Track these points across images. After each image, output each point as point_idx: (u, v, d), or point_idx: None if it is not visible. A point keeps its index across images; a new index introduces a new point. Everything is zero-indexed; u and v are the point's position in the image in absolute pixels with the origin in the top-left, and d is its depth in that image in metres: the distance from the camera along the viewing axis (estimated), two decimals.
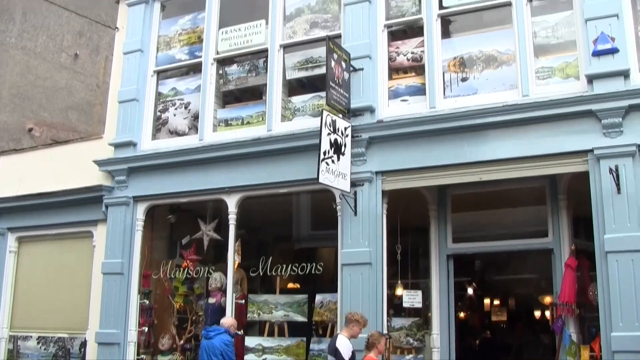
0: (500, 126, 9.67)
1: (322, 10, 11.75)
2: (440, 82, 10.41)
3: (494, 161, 9.69)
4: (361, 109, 10.54)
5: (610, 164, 8.90)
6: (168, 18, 13.39)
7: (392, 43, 11.05)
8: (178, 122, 12.62)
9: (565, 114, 9.32)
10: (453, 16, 10.91)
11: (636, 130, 8.95)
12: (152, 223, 12.74)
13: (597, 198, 9.03)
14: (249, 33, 12.17)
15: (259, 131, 11.50)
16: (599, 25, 9.39)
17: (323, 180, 9.57)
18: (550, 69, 9.88)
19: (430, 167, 10.05)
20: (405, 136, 10.22)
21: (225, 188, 11.48)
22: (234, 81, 12.39)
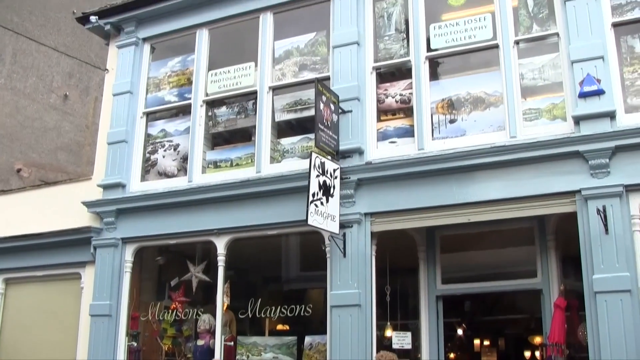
0: (489, 167, 9.71)
1: (311, 53, 11.86)
2: (428, 124, 10.48)
3: (483, 202, 9.71)
4: (350, 150, 10.58)
5: (598, 205, 8.93)
6: (158, 60, 13.47)
7: (380, 85, 11.14)
8: (167, 163, 12.62)
9: (552, 155, 9.37)
10: (441, 58, 11.02)
11: (623, 170, 9.01)
12: (140, 265, 12.65)
13: (585, 238, 9.04)
14: (238, 75, 12.25)
15: (248, 173, 11.52)
16: (585, 67, 9.51)
17: (312, 222, 9.56)
18: (538, 110, 9.97)
19: (418, 208, 10.06)
20: (394, 178, 10.24)
21: (214, 230, 11.44)
22: (223, 123, 12.43)
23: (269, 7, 12.19)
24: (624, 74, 9.65)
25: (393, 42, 11.17)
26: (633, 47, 9.78)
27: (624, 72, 9.66)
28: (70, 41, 20.65)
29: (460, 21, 10.70)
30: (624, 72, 9.66)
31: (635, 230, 8.86)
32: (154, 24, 13.33)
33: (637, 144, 8.98)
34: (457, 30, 10.66)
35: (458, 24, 10.69)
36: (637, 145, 8.98)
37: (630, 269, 8.70)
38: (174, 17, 13.06)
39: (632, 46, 9.79)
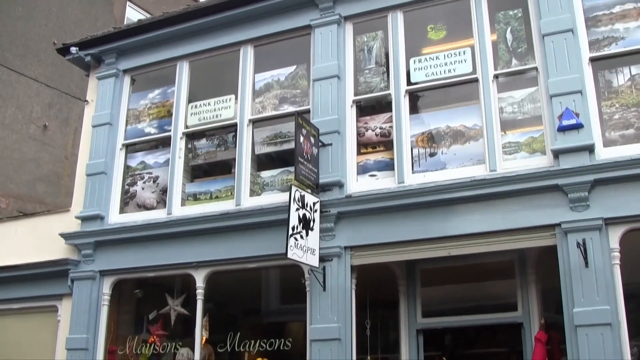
0: (469, 201, 9.73)
1: (291, 86, 11.89)
2: (408, 157, 10.51)
3: (463, 236, 9.71)
4: (330, 184, 10.57)
5: (578, 238, 8.95)
6: (138, 91, 13.47)
7: (360, 118, 11.17)
8: (146, 195, 12.55)
9: (532, 188, 9.40)
10: (421, 92, 11.08)
11: (602, 204, 9.05)
12: (118, 297, 12.52)
13: (565, 272, 9.05)
14: (219, 107, 12.25)
15: (228, 206, 11.47)
16: (563, 101, 9.60)
17: (291, 255, 9.50)
18: (517, 144, 10.02)
19: (399, 242, 10.04)
20: (374, 211, 10.23)
21: (193, 263, 11.35)
22: (203, 155, 12.41)
23: (249, 40, 12.24)
24: (602, 108, 9.74)
25: (373, 76, 11.23)
26: (610, 81, 9.88)
27: (602, 106, 9.75)
28: (51, 72, 20.56)
29: (440, 55, 10.79)
30: (602, 106, 9.75)
31: (615, 264, 8.88)
32: (135, 55, 13.34)
33: (615, 177, 9.04)
34: (437, 64, 10.74)
35: (438, 58, 10.78)
36: (615, 178, 9.04)
37: (610, 302, 8.69)
38: (154, 49, 13.09)
39: (610, 80, 9.89)
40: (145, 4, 23.65)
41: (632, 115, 9.59)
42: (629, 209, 8.92)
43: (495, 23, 10.67)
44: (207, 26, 12.56)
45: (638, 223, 8.97)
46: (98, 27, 19.14)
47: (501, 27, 10.63)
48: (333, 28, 11.45)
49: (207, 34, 12.58)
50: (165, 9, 18.10)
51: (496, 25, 10.66)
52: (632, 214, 8.92)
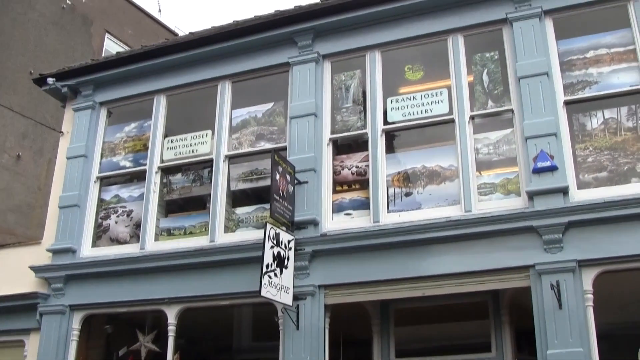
0: (444, 241, 9.74)
1: (268, 123, 11.91)
2: (384, 197, 10.53)
3: (437, 276, 9.70)
4: (305, 222, 10.54)
5: (552, 280, 8.98)
6: (114, 124, 13.41)
7: (337, 157, 11.20)
8: (120, 230, 12.43)
9: (507, 229, 9.45)
10: (397, 131, 11.15)
11: (576, 246, 9.10)
12: (88, 333, 12.30)
13: (539, 313, 9.06)
14: (195, 143, 12.23)
15: (202, 241, 11.40)
16: (538, 143, 9.69)
17: (265, 294, 9.43)
18: (492, 185, 10.08)
19: (373, 281, 10.00)
20: (349, 250, 10.21)
21: (165, 299, 11.22)
22: (178, 190, 12.35)
23: (227, 76, 12.27)
24: (576, 151, 9.86)
25: (350, 114, 11.28)
26: (584, 124, 10.02)
27: (576, 148, 9.88)
28: (26, 101, 20.41)
29: (417, 95, 10.89)
30: (576, 149, 9.87)
31: (589, 305, 8.91)
32: (112, 88, 13.31)
33: (589, 219, 9.11)
34: (414, 104, 10.83)
35: (415, 98, 10.87)
36: (589, 220, 9.11)
37: (584, 344, 8.71)
38: (132, 82, 13.06)
39: (584, 124, 10.02)
40: (124, 36, 23.69)
41: (606, 158, 9.70)
42: (602, 252, 8.98)
43: (472, 65, 10.80)
44: (185, 61, 12.57)
45: (611, 265, 9.02)
46: (76, 58, 19.12)
47: (478, 69, 10.76)
48: (311, 66, 11.52)
49: (185, 68, 12.59)
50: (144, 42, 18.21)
51: (473, 67, 10.79)
52: (605, 256, 8.98)
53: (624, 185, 9.45)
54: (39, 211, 18.86)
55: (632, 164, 9.59)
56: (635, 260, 8.93)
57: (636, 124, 9.79)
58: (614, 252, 8.94)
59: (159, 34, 24.09)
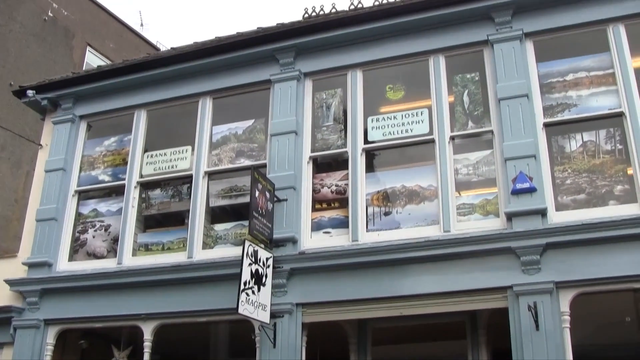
0: (422, 261, 9.75)
1: (248, 140, 11.91)
2: (363, 216, 10.53)
3: (415, 296, 9.69)
4: (284, 239, 10.51)
5: (529, 301, 9.00)
6: (93, 138, 13.34)
7: (316, 175, 11.21)
8: (97, 244, 12.34)
9: (485, 250, 9.48)
10: (377, 151, 11.18)
11: (553, 267, 9.15)
12: (62, 348, 12.16)
13: (516, 334, 9.07)
14: (175, 158, 12.20)
15: (180, 258, 11.34)
16: (517, 164, 9.75)
17: (242, 311, 9.38)
18: (471, 205, 10.12)
19: (351, 300, 9.98)
20: (327, 268, 10.19)
21: (141, 315, 11.12)
22: (156, 205, 12.29)
23: (208, 92, 12.27)
24: (554, 173, 9.92)
25: (331, 133, 11.30)
26: (563, 147, 10.09)
27: (554, 170, 9.94)
28: (5, 113, 20.28)
29: (398, 115, 10.94)
30: (554, 171, 9.94)
31: (565, 327, 8.94)
32: (92, 102, 13.25)
33: (567, 241, 9.16)
34: (395, 124, 10.87)
35: (395, 118, 10.91)
36: (567, 242, 9.17)
37: None
38: (112, 96, 13.01)
39: (563, 146, 10.09)
40: (106, 50, 23.64)
41: (584, 181, 9.76)
42: (580, 273, 9.03)
43: (452, 85, 10.87)
44: (166, 76, 12.55)
45: (588, 287, 9.07)
46: (56, 71, 19.04)
47: (458, 90, 10.82)
48: (293, 84, 11.54)
49: (166, 83, 12.57)
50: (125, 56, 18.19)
51: (454, 88, 10.85)
52: (583, 278, 9.02)
53: (602, 207, 9.52)
54: (16, 224, 18.72)
55: (610, 186, 9.66)
56: (612, 282, 8.98)
57: (614, 147, 9.87)
58: (591, 274, 8.98)
59: (141, 48, 24.06)
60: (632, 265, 8.85)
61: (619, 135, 9.86)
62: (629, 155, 9.59)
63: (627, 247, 8.96)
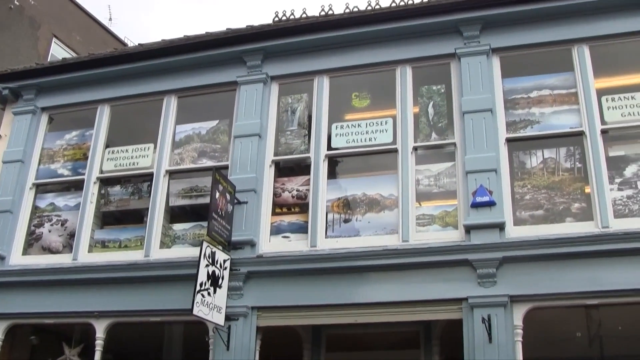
0: (379, 270, 9.78)
1: (211, 140, 11.84)
2: (322, 222, 10.54)
3: (371, 304, 9.71)
4: (242, 242, 10.46)
5: (484, 313, 9.08)
6: (55, 131, 13.15)
7: (278, 179, 11.18)
8: (52, 239, 12.16)
9: (442, 261, 9.53)
10: (340, 157, 11.21)
11: (509, 281, 9.23)
12: (11, 343, 11.90)
13: (469, 346, 9.13)
14: (136, 155, 12.08)
15: (136, 256, 11.22)
16: (478, 178, 9.83)
17: (197, 312, 9.31)
18: (431, 216, 10.17)
19: (306, 306, 9.97)
20: (284, 273, 10.17)
21: (95, 312, 10.96)
22: (115, 202, 12.17)
23: (174, 91, 12.19)
24: (514, 188, 10.03)
25: (294, 138, 11.29)
26: (524, 162, 10.20)
27: (514, 185, 10.04)
28: None
29: (362, 123, 10.96)
30: (514, 186, 10.04)
31: (518, 340, 9.02)
32: (55, 94, 13.08)
33: (523, 256, 9.27)
34: (359, 132, 10.89)
35: (360, 126, 10.94)
36: (523, 257, 9.27)
37: None
38: (76, 90, 12.85)
39: (523, 162, 10.20)
40: (72, 42, 23.33)
41: (543, 197, 9.88)
42: (534, 288, 9.13)
43: (418, 96, 10.94)
44: (132, 72, 12.44)
45: (542, 302, 9.17)
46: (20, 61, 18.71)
47: (424, 101, 10.89)
48: (259, 87, 11.51)
49: (131, 79, 12.45)
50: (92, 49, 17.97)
51: (419, 99, 10.92)
52: (537, 292, 9.13)
53: (559, 224, 9.65)
54: None
55: (567, 204, 9.78)
56: (565, 298, 9.11)
57: (574, 165, 10.00)
58: (545, 289, 9.10)
59: (108, 42, 23.80)
60: (585, 282, 8.98)
61: (578, 153, 10.00)
62: (587, 174, 9.74)
63: (581, 264, 9.08)
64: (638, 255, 8.96)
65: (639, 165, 9.81)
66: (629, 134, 10.13)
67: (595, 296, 9.04)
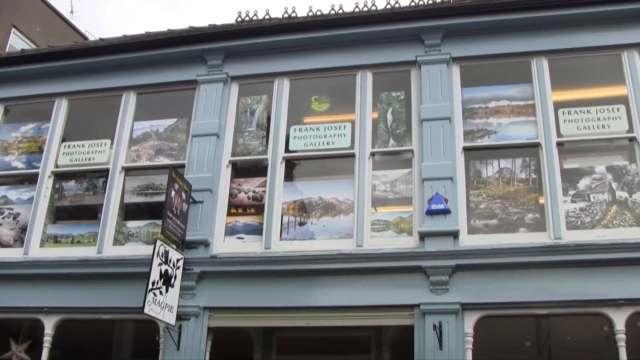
0: (333, 274, 9.79)
1: (169, 138, 11.76)
2: (278, 224, 10.51)
3: (323, 308, 9.72)
4: (196, 242, 10.40)
5: (435, 320, 9.14)
6: (10, 123, 12.94)
7: (235, 179, 11.14)
8: (4, 232, 11.94)
9: (396, 267, 9.57)
10: (298, 160, 11.21)
11: (461, 289, 9.31)
12: None
13: (420, 352, 9.17)
14: (93, 151, 11.93)
15: (89, 252, 11.07)
16: (434, 185, 9.91)
17: (148, 311, 9.22)
18: (386, 222, 10.21)
19: (258, 307, 9.94)
20: (237, 274, 10.13)
21: (44, 308, 10.77)
22: (69, 197, 11.98)
23: (133, 87, 12.08)
24: (469, 197, 10.10)
25: (253, 139, 11.26)
26: (480, 171, 10.29)
27: (470, 194, 10.13)
28: None
29: (321, 126, 10.98)
30: (470, 195, 10.12)
31: (468, 348, 9.09)
32: (12, 85, 12.85)
33: (476, 264, 9.35)
34: (317, 135, 10.90)
35: (318, 129, 10.96)
36: (476, 265, 9.35)
37: None
38: (34, 82, 12.65)
39: (480, 171, 10.29)
40: (32, 34, 22.98)
41: (497, 206, 9.97)
42: (486, 297, 9.21)
43: (377, 102, 10.98)
44: (92, 66, 12.30)
45: (493, 310, 9.26)
46: None
47: (383, 107, 10.93)
48: (219, 86, 11.46)
49: (91, 74, 12.31)
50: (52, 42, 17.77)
51: (378, 105, 10.96)
52: (488, 301, 9.21)
53: (512, 234, 9.76)
54: None
55: (521, 214, 9.89)
56: (516, 307, 9.22)
57: (529, 176, 10.11)
58: (497, 298, 9.19)
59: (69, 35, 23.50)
60: (536, 292, 9.11)
61: (534, 165, 10.11)
62: (542, 185, 9.86)
63: (533, 274, 9.21)
64: (588, 266, 9.10)
65: (592, 178, 9.94)
66: (583, 147, 10.29)
67: (545, 306, 9.18)
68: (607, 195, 9.77)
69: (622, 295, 8.89)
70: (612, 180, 9.86)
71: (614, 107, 10.15)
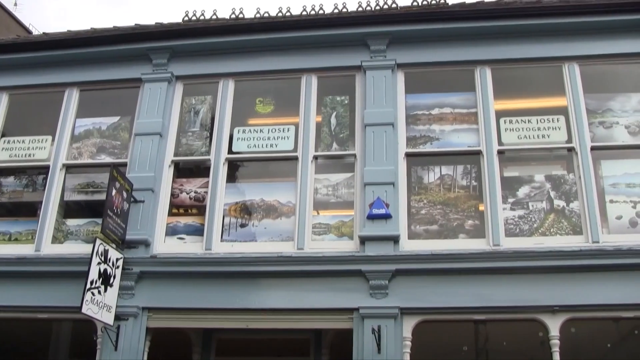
0: (273, 276, 9.80)
1: (112, 137, 11.63)
2: (219, 225, 10.48)
3: (263, 310, 9.73)
4: (136, 241, 10.31)
5: (374, 324, 9.20)
6: None
7: (177, 179, 11.07)
8: None
9: (336, 271, 9.63)
10: (241, 162, 11.18)
11: (400, 293, 9.40)
12: None
13: (358, 356, 9.23)
14: (33, 147, 11.73)
15: (26, 250, 10.87)
16: (376, 190, 9.98)
17: (86, 311, 9.10)
18: (327, 225, 10.25)
19: (198, 309, 9.89)
20: (177, 275, 10.07)
21: None
22: (8, 193, 11.75)
23: (76, 83, 11.92)
24: (411, 202, 10.21)
25: (196, 139, 11.20)
26: (422, 177, 10.41)
27: (411, 200, 10.23)
28: None
29: (265, 128, 10.99)
30: (411, 200, 10.22)
31: (406, 352, 9.19)
32: None
33: (415, 269, 9.46)
34: (261, 137, 10.91)
35: (262, 131, 10.96)
36: (415, 270, 9.46)
37: None
38: None
39: (421, 177, 10.41)
40: None
41: (438, 212, 10.08)
42: (424, 301, 9.32)
43: (322, 106, 11.03)
44: (35, 61, 12.09)
45: (431, 315, 9.39)
46: None
47: (327, 111, 10.98)
48: (163, 85, 11.39)
49: (33, 69, 12.09)
50: None
51: (322, 108, 11.01)
52: (427, 306, 9.33)
53: (452, 240, 9.91)
54: None
55: (461, 220, 10.02)
56: (454, 312, 9.35)
57: (469, 183, 10.26)
58: (436, 303, 9.31)
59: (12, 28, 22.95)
60: (475, 297, 9.26)
61: (475, 172, 10.27)
62: (482, 192, 10.01)
63: (471, 279, 9.35)
64: (525, 273, 9.29)
65: (531, 187, 10.14)
66: (523, 155, 10.49)
67: (483, 312, 9.34)
68: (545, 204, 9.97)
69: (557, 301, 9.10)
70: (551, 189, 10.07)
71: (554, 117, 10.38)
